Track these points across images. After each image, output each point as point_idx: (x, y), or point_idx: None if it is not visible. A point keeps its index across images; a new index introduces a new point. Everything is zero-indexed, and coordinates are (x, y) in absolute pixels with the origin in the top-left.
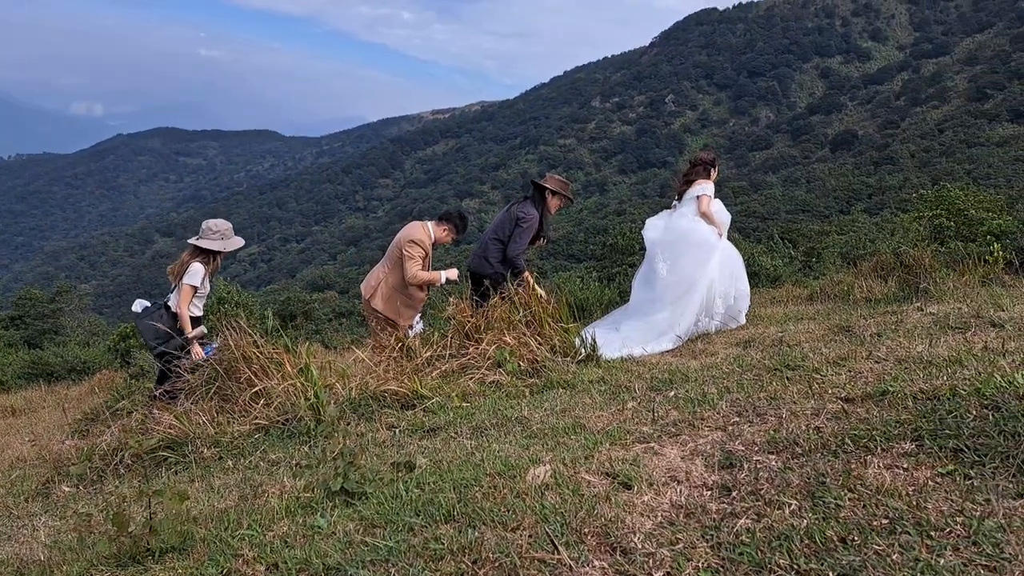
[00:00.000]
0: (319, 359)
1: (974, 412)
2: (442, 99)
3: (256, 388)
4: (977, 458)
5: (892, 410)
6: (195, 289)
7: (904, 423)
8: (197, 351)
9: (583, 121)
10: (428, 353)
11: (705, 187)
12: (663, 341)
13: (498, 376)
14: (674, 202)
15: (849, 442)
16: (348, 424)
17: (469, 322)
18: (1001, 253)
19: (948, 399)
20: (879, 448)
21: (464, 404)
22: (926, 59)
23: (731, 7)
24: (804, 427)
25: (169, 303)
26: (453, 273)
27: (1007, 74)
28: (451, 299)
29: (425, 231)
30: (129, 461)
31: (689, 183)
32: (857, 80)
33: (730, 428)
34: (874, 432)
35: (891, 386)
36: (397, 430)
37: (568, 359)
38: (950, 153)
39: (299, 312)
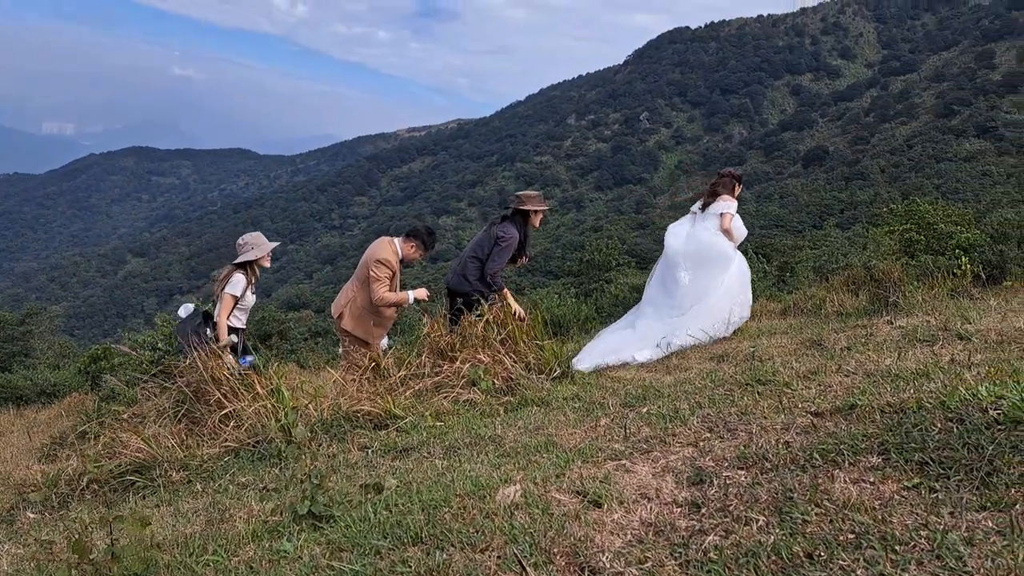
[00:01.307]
0: (293, 379)
1: (939, 425)
2: (418, 117)
3: (226, 410)
4: (942, 471)
5: (860, 424)
6: (236, 299)
7: (871, 437)
8: (230, 360)
9: (559, 138)
10: (402, 372)
11: (729, 205)
12: (675, 342)
13: (472, 394)
14: (696, 207)
15: (817, 456)
16: (320, 445)
17: (444, 340)
18: (969, 266)
19: (914, 412)
20: (846, 462)
21: (438, 423)
22: (894, 76)
23: (703, 26)
24: (774, 442)
25: (212, 312)
26: (422, 293)
27: (973, 91)
28: (424, 318)
29: (392, 249)
30: (96, 486)
31: (715, 195)
32: (827, 97)
33: (701, 444)
34: (842, 446)
35: (859, 400)
36: (369, 451)
37: (543, 376)
38: (919, 168)
39: (274, 332)
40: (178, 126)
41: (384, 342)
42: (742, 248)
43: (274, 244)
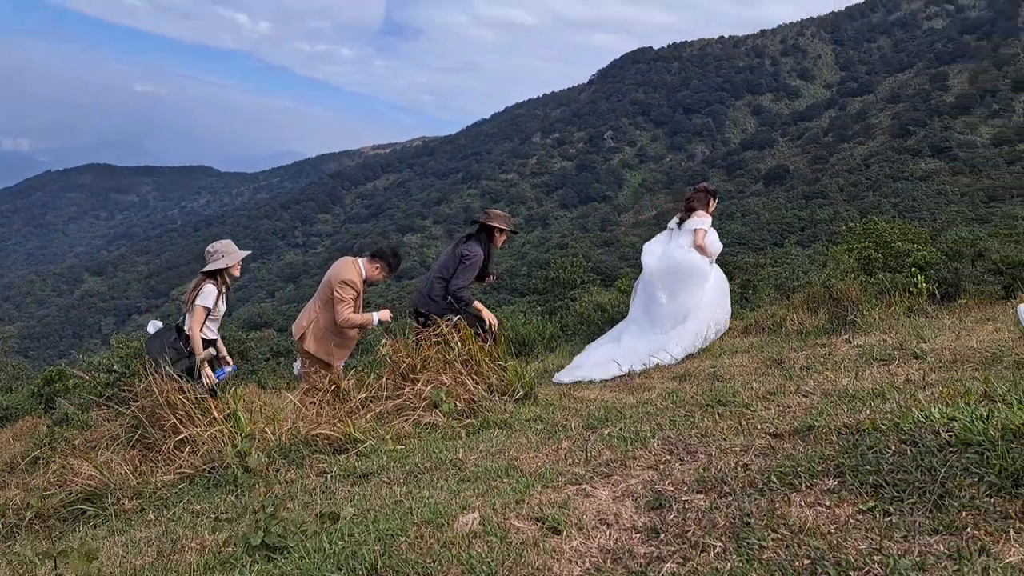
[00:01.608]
0: (253, 401)
1: (893, 447)
2: (383, 134)
3: (182, 435)
4: (896, 494)
5: (817, 445)
6: (208, 310)
7: (827, 459)
8: (208, 373)
9: (524, 156)
10: (363, 394)
11: (703, 220)
12: (662, 356)
13: (434, 417)
14: (672, 223)
15: (775, 479)
16: (277, 471)
17: (405, 362)
18: (925, 285)
19: (870, 434)
20: (803, 485)
21: (398, 447)
22: (851, 97)
23: (666, 46)
24: (733, 464)
25: (183, 324)
26: (386, 314)
27: (927, 111)
28: (385, 339)
29: (356, 269)
30: (43, 517)
31: (691, 211)
32: (787, 117)
33: (661, 467)
34: (799, 469)
35: (817, 421)
36: (328, 476)
37: (506, 398)
38: (877, 187)
39: (235, 352)
40: (140, 143)
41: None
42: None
43: (245, 252)
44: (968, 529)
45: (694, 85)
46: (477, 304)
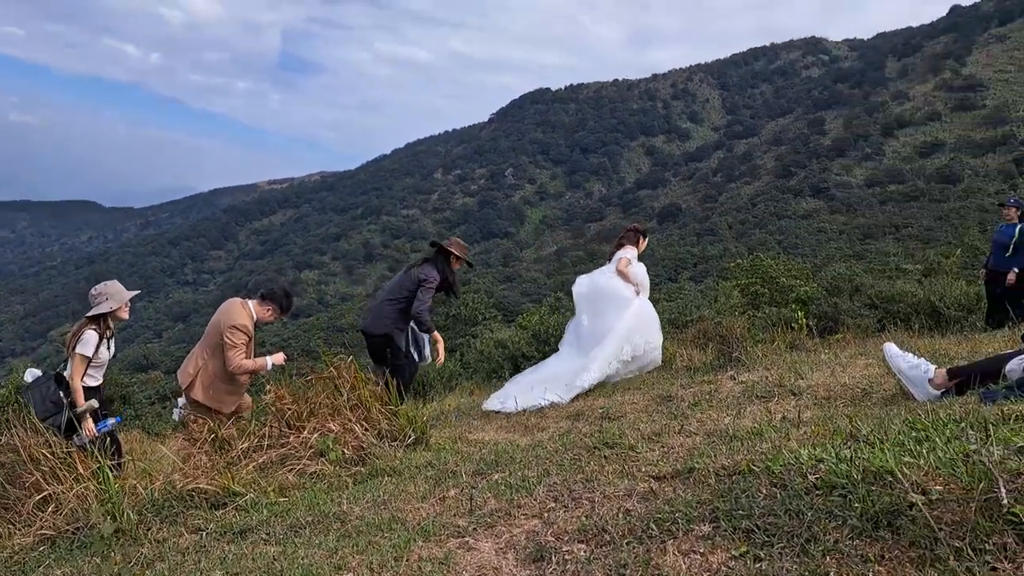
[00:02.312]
0: (131, 453)
1: (764, 491)
2: (280, 169)
3: (44, 493)
4: (767, 538)
5: (695, 489)
6: (88, 359)
7: (704, 503)
8: (89, 426)
9: (426, 192)
10: (245, 444)
11: (627, 251)
12: (581, 378)
13: (321, 466)
14: (606, 261)
15: (653, 526)
16: (148, 529)
17: (291, 409)
18: (804, 320)
19: (744, 477)
20: (680, 531)
21: (281, 500)
22: (738, 139)
23: (563, 88)
24: (615, 511)
25: (64, 372)
26: (279, 358)
27: (807, 154)
28: (268, 386)
29: (247, 312)
30: None
31: (620, 246)
32: (679, 157)
33: (546, 515)
34: (676, 514)
35: (697, 463)
36: (204, 533)
37: (396, 443)
38: (762, 225)
39: (116, 396)
40: (16, 176)
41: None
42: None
43: (133, 293)
44: (831, 574)
45: (590, 126)
46: (436, 334)
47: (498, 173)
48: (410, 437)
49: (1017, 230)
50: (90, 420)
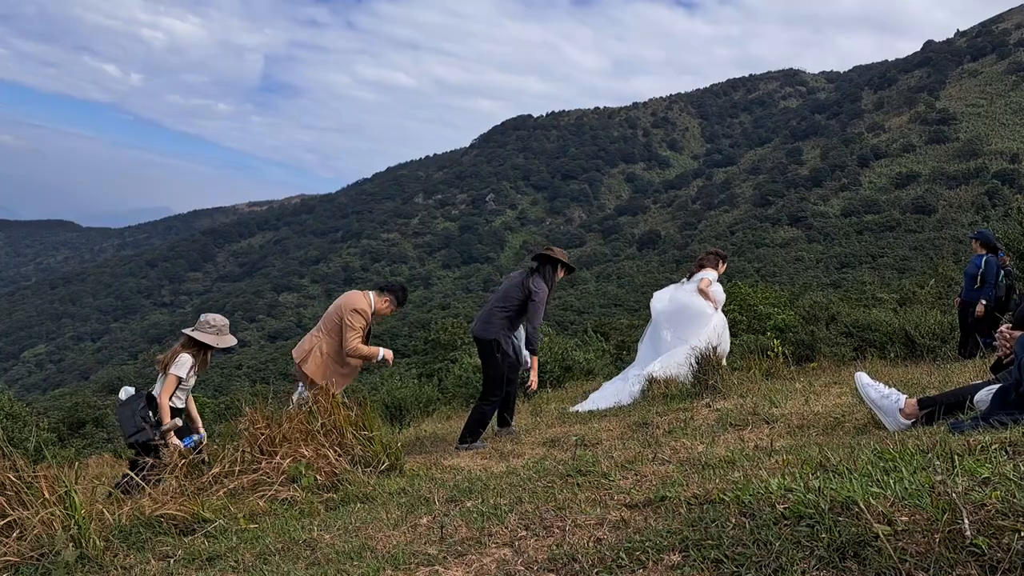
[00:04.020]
0: (100, 477)
1: (734, 520)
2: (260, 191)
3: (9, 518)
4: (735, 568)
5: (666, 518)
6: (180, 380)
7: (675, 533)
8: (174, 442)
9: (407, 216)
10: (216, 469)
11: (708, 273)
12: (640, 379)
13: (292, 492)
14: (683, 280)
15: (624, 555)
16: (115, 556)
17: (263, 433)
18: (781, 348)
19: (714, 506)
20: (650, 560)
21: (251, 526)
22: (717, 168)
23: (544, 115)
24: (586, 540)
25: (153, 391)
26: (390, 354)
27: (785, 183)
28: (245, 408)
29: (367, 300)
30: None
31: (701, 267)
32: (659, 185)
33: (517, 543)
34: (647, 544)
35: (670, 491)
36: (171, 560)
37: (370, 469)
38: (741, 252)
39: (89, 419)
40: None
41: (302, 392)
42: (544, 330)
43: (234, 341)
44: None
45: (572, 153)
46: (535, 360)
47: (479, 198)
48: (384, 463)
49: (983, 261)
50: (174, 436)
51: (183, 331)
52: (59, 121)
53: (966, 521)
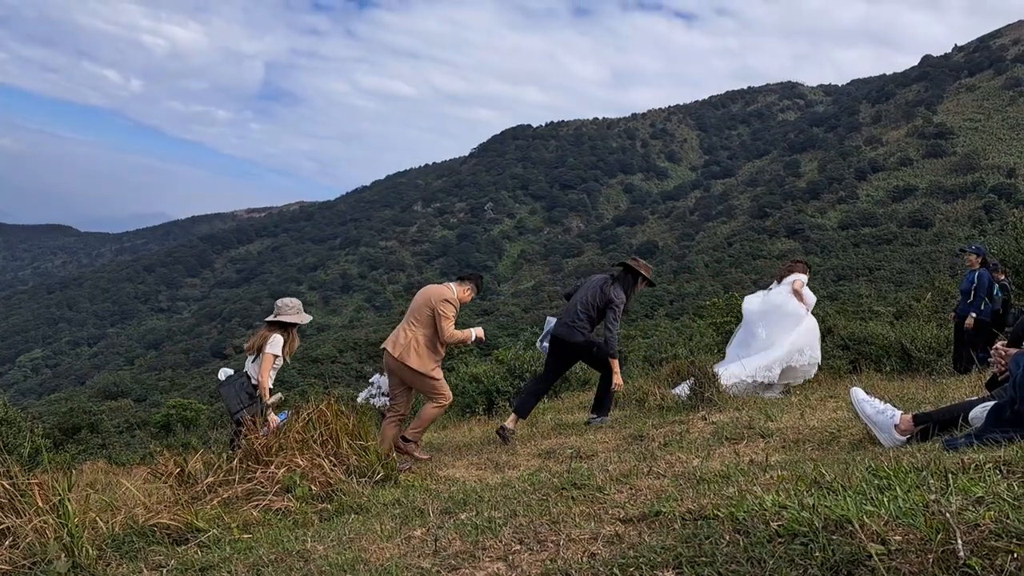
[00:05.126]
0: (94, 484)
1: (728, 537)
2: (259, 198)
3: (2, 527)
4: None
5: (661, 533)
6: (275, 358)
7: (668, 549)
8: (272, 418)
9: (405, 224)
10: (210, 478)
11: (801, 276)
12: (760, 375)
13: (287, 502)
14: (772, 285)
15: (617, 571)
16: (108, 565)
17: (258, 443)
18: None
19: (708, 522)
20: None
21: (245, 536)
22: (715, 179)
23: (544, 125)
24: (580, 554)
25: (248, 372)
26: (481, 332)
27: (782, 195)
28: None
29: (451, 291)
30: None
31: (791, 271)
32: (657, 196)
33: (510, 558)
34: (641, 559)
35: (664, 506)
36: (165, 570)
37: (365, 480)
38: (738, 264)
39: (84, 424)
40: None
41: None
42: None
43: (310, 318)
44: None
45: (570, 163)
46: (615, 364)
47: (478, 207)
48: (379, 473)
49: (976, 276)
50: (273, 412)
51: (266, 320)
52: (58, 126)
53: (959, 541)
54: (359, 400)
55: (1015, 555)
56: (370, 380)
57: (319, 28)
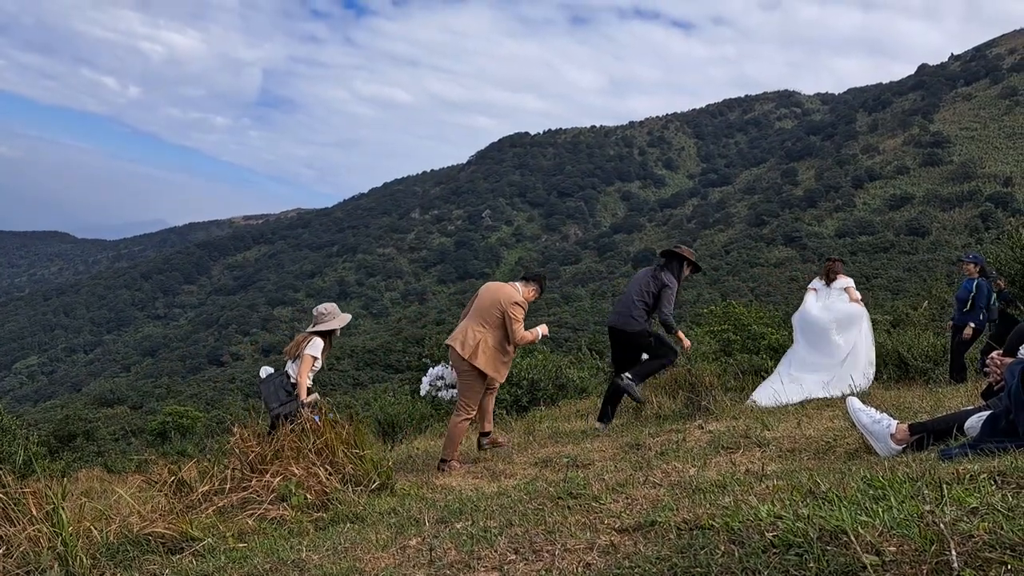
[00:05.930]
0: (89, 492)
1: (723, 547)
2: (257, 205)
3: None
4: None
5: (656, 543)
6: (315, 359)
7: (663, 559)
8: (308, 416)
9: (402, 231)
10: (205, 487)
11: (849, 280)
12: (834, 389)
13: (282, 511)
14: (819, 284)
15: None
16: (102, 574)
17: (254, 451)
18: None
19: (703, 532)
20: None
21: (240, 545)
22: (712, 187)
23: (541, 132)
24: (575, 565)
25: (288, 371)
26: (546, 329)
27: (780, 203)
28: (235, 428)
29: (519, 292)
30: None
31: (837, 274)
32: (654, 203)
33: (506, 568)
34: (636, 570)
35: (660, 516)
36: None
37: (360, 488)
38: (736, 272)
39: (79, 432)
40: None
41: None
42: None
43: (349, 317)
44: None
45: (568, 170)
46: (680, 332)
47: (475, 214)
48: (375, 482)
49: (974, 285)
50: (308, 411)
51: (306, 331)
52: (56, 132)
53: (953, 553)
54: (422, 392)
55: (1009, 566)
56: (430, 371)
57: (317, 35)
